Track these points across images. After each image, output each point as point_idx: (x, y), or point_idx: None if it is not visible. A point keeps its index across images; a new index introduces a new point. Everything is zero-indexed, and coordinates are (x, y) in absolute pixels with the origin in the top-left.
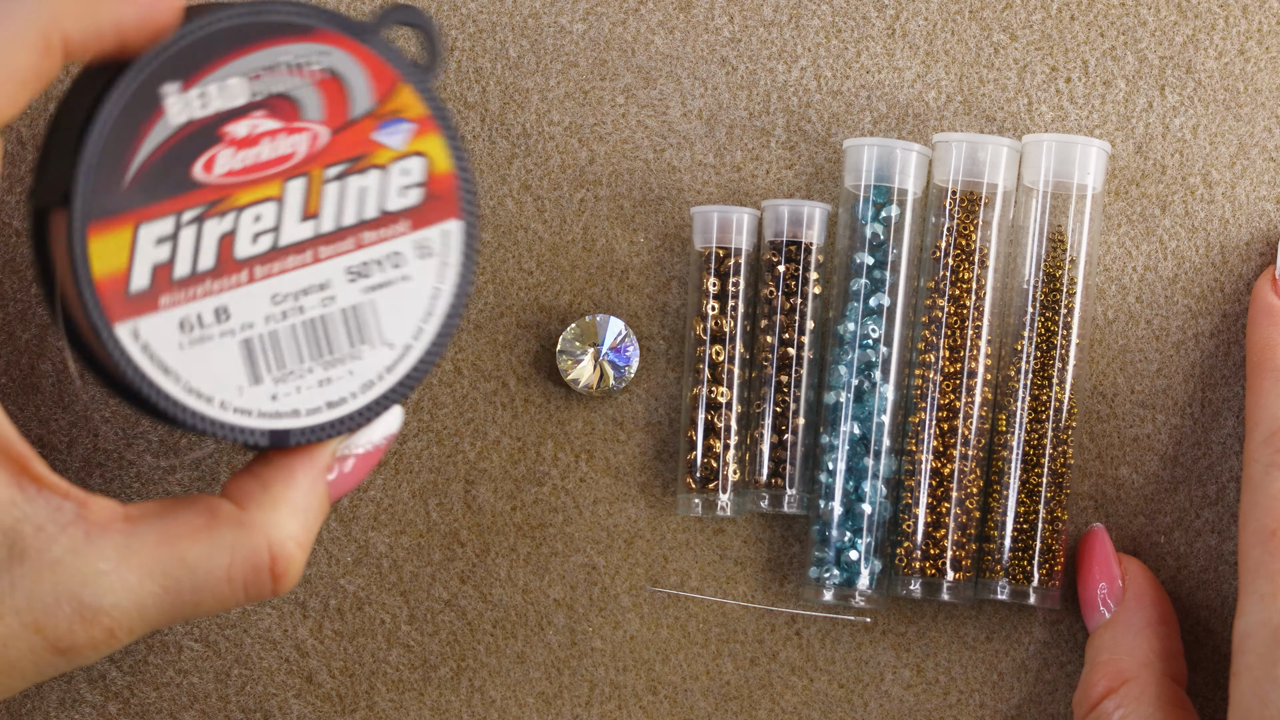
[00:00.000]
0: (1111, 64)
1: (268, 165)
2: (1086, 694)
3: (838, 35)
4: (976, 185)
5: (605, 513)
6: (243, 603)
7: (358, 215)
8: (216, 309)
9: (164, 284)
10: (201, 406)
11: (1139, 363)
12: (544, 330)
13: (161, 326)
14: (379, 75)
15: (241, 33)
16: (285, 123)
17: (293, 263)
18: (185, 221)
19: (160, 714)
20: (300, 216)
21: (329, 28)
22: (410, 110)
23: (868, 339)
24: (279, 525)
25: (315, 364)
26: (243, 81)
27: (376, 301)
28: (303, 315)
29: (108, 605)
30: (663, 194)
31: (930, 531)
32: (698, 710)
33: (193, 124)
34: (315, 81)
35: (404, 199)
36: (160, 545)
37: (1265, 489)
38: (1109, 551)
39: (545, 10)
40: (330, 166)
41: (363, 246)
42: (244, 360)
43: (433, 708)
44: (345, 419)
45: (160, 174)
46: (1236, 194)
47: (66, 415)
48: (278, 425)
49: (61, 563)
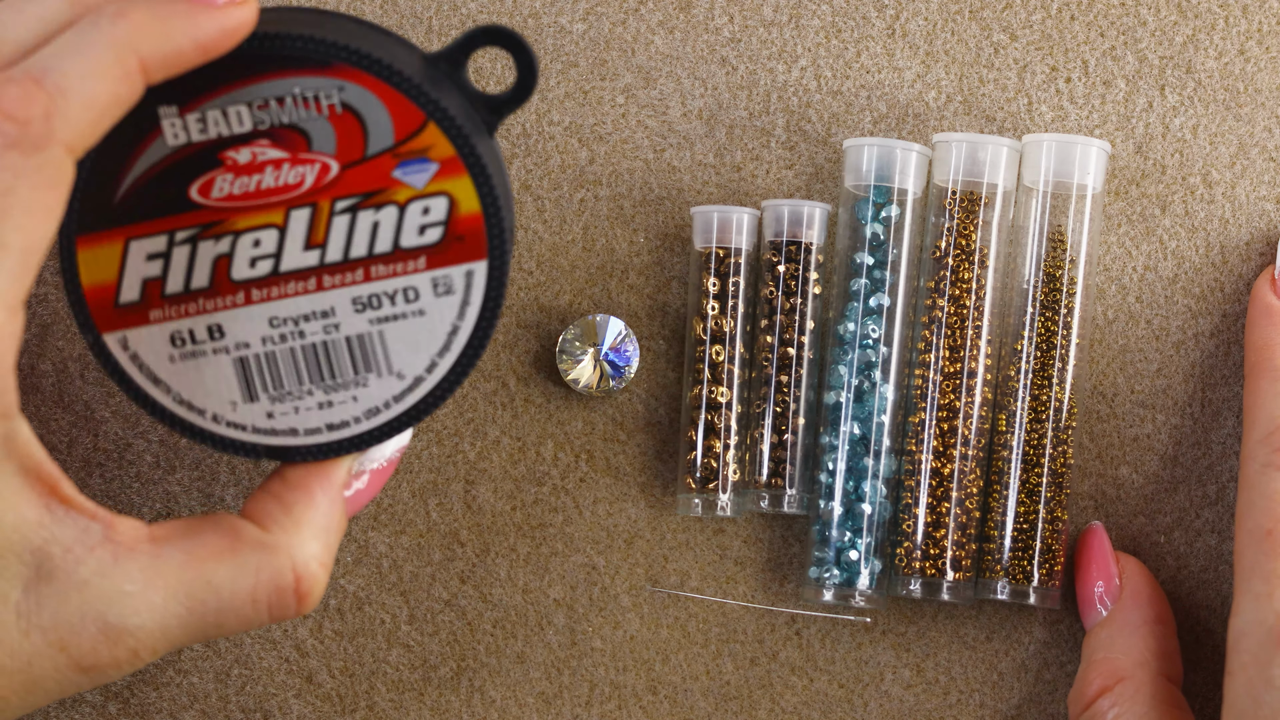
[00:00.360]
0: (1111, 64)
1: (270, 193)
2: (1082, 692)
3: (838, 35)
4: (976, 185)
5: (605, 513)
6: (266, 623)
7: (369, 248)
8: (210, 326)
9: (154, 299)
10: (193, 418)
11: (1139, 363)
12: (544, 330)
13: (151, 339)
14: (402, 114)
15: (250, 61)
16: (291, 153)
17: (294, 289)
18: (179, 240)
19: (160, 714)
20: (304, 245)
21: (350, 62)
22: (436, 150)
23: (868, 339)
24: (302, 546)
25: (316, 387)
26: (245, 110)
27: (385, 333)
28: (303, 340)
29: (133, 626)
30: (663, 194)
31: (930, 531)
32: (698, 710)
33: (191, 146)
34: (328, 115)
35: (422, 237)
36: (185, 567)
37: (1262, 488)
38: (1107, 550)
39: (545, 10)
40: (341, 199)
41: (373, 279)
42: (238, 377)
43: (433, 708)
44: (347, 441)
45: (154, 193)
46: (1236, 194)
47: (66, 415)
48: (274, 442)
49: (89, 584)
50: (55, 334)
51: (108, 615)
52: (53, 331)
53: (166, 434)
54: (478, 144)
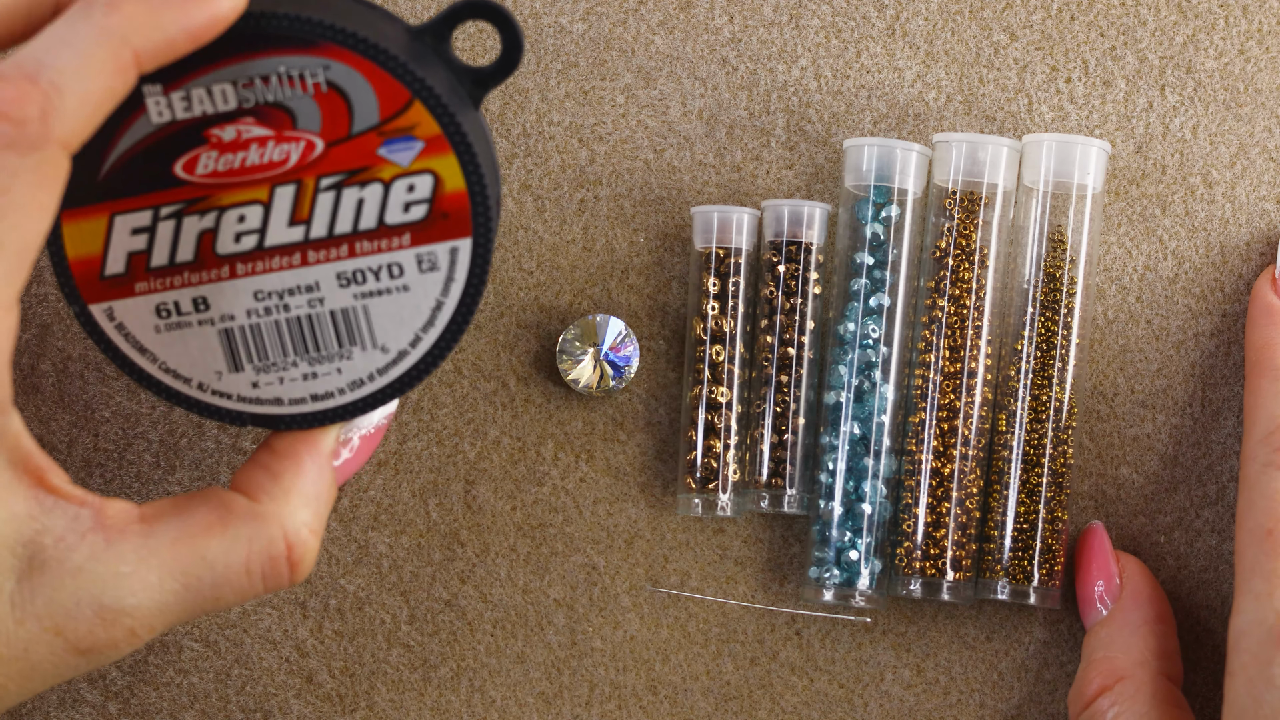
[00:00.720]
0: (1111, 64)
1: (255, 170)
2: (1081, 691)
3: (838, 35)
4: (976, 185)
5: (605, 513)
6: (261, 593)
7: (353, 225)
8: (195, 299)
9: (140, 272)
10: (180, 386)
11: (1139, 363)
12: (544, 330)
13: (136, 310)
14: (388, 92)
15: (234, 41)
16: (276, 131)
17: (278, 263)
18: (163, 215)
19: (160, 714)
20: (288, 221)
21: (336, 41)
22: (422, 129)
23: (868, 339)
24: (293, 515)
25: (300, 359)
26: (230, 88)
27: (370, 307)
28: (288, 313)
29: (129, 606)
30: (663, 194)
31: (930, 531)
32: (698, 710)
33: (176, 124)
34: (313, 94)
35: (406, 214)
36: (178, 543)
37: (1262, 488)
38: (1107, 549)
39: (545, 10)
40: (325, 176)
41: (357, 255)
42: (223, 348)
43: (433, 708)
44: (331, 411)
45: (139, 169)
46: (1236, 194)
47: (66, 415)
48: (259, 410)
49: (82, 569)
50: (55, 334)
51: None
52: (53, 331)
53: (166, 434)
54: (463, 121)
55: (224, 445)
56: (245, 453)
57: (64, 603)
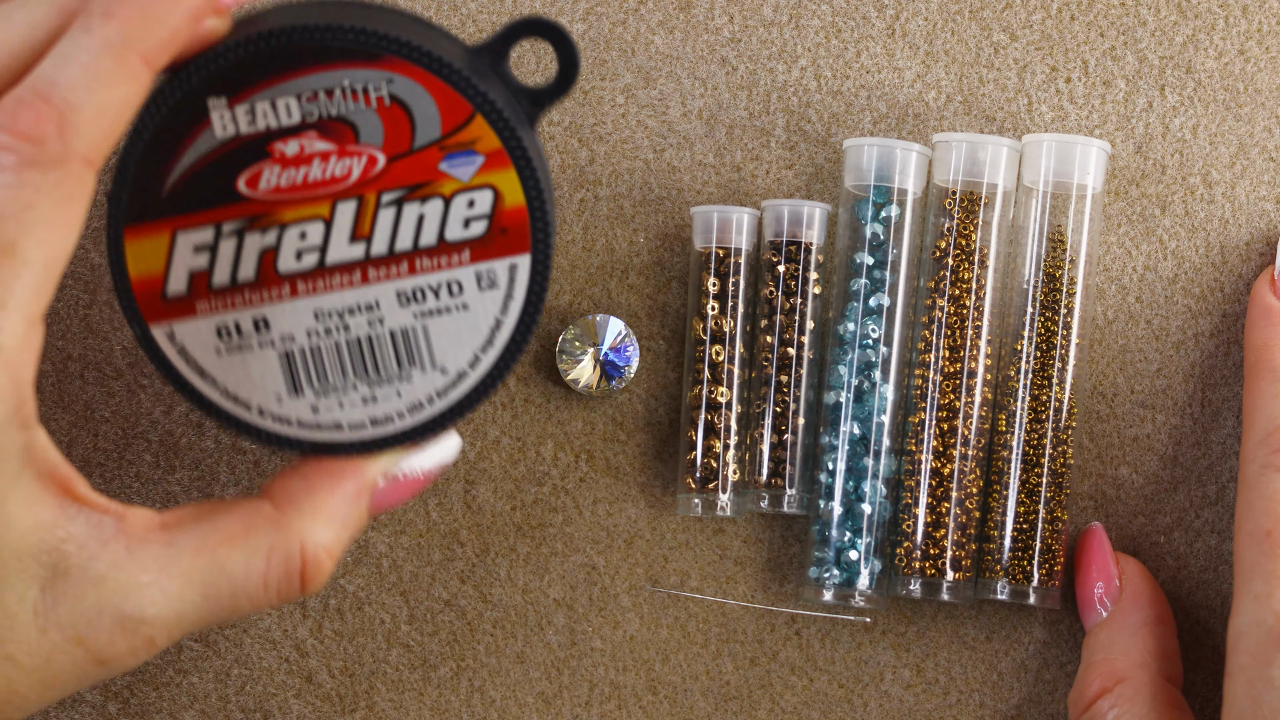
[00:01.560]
0: (1111, 64)
1: (317, 185)
2: (1081, 693)
3: (838, 35)
4: (976, 185)
5: (605, 513)
6: (275, 605)
7: (414, 242)
8: (255, 319)
9: (201, 291)
10: (239, 412)
11: (1139, 363)
12: (544, 330)
13: (198, 332)
14: (450, 106)
15: (299, 54)
16: (339, 145)
17: (339, 282)
18: (226, 233)
19: (160, 714)
20: (350, 238)
21: (399, 54)
22: (483, 143)
23: (868, 339)
24: (314, 532)
25: (360, 381)
26: (294, 101)
27: (430, 327)
28: (348, 333)
29: (149, 615)
30: (663, 194)
31: (930, 531)
32: (698, 710)
33: (240, 139)
34: (376, 108)
35: (467, 230)
36: (199, 553)
37: (1261, 489)
38: (1107, 550)
39: (545, 10)
40: (386, 192)
41: (417, 272)
42: (283, 371)
43: (433, 708)
44: (390, 437)
45: (203, 184)
46: (1236, 194)
47: (66, 415)
48: (319, 437)
49: (104, 578)
50: (55, 334)
51: (124, 607)
52: (53, 331)
53: (166, 434)
54: (523, 137)
55: (224, 445)
56: (246, 453)
57: (86, 612)
